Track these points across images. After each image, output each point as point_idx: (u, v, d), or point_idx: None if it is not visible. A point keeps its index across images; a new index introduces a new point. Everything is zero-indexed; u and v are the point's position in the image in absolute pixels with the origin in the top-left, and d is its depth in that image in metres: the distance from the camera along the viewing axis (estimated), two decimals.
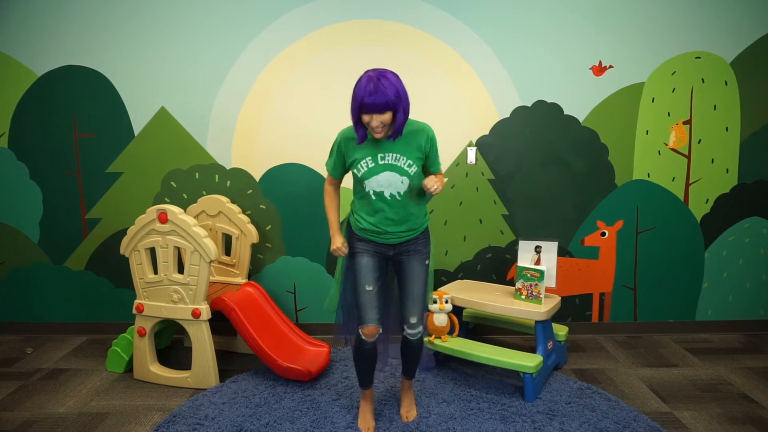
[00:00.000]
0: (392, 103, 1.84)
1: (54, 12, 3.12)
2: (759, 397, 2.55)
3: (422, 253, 2.14)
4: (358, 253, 2.13)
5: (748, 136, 3.22)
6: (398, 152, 2.00)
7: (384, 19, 3.12)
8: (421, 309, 2.14)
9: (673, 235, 3.28)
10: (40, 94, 3.19)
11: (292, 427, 2.27)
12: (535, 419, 2.32)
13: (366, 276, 2.09)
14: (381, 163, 2.00)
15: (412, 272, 2.12)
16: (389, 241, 2.10)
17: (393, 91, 1.84)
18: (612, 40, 3.13)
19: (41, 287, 3.35)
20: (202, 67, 3.15)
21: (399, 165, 2.00)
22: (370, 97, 1.82)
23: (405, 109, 1.92)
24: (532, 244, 2.82)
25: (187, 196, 3.25)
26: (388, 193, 2.02)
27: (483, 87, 3.17)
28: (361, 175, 2.02)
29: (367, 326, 2.08)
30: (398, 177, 2.00)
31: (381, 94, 1.82)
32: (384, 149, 2.00)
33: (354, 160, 2.03)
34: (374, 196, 2.04)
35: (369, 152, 2.01)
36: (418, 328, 2.14)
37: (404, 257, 2.13)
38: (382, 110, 1.84)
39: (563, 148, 3.22)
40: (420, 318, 2.13)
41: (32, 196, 3.27)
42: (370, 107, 1.84)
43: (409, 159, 2.00)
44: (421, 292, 2.13)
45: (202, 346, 2.64)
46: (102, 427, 2.32)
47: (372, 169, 2.00)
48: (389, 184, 2.01)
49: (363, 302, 2.09)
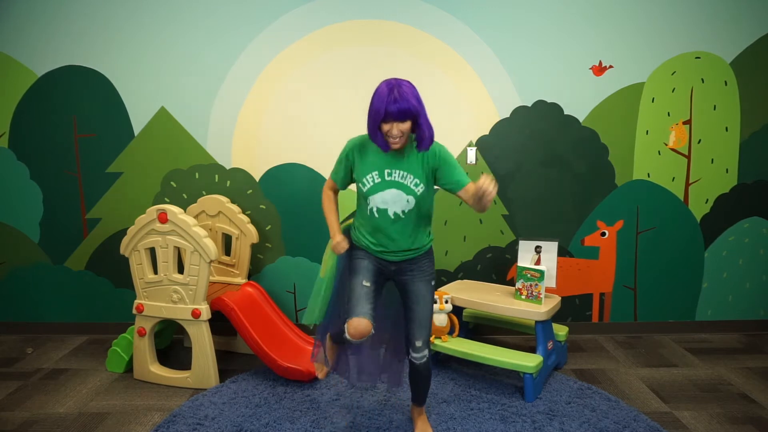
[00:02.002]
0: (414, 110, 1.82)
1: (54, 12, 3.12)
2: (759, 397, 2.55)
3: (426, 273, 2.05)
4: (358, 258, 2.05)
5: (747, 136, 3.22)
6: (405, 170, 1.93)
7: (384, 19, 3.12)
8: (426, 332, 2.04)
9: (673, 235, 3.28)
10: (40, 94, 3.19)
11: (292, 427, 2.27)
12: (535, 419, 2.32)
13: (365, 274, 2.01)
14: (387, 179, 1.93)
15: (417, 294, 2.03)
16: (390, 258, 2.03)
17: (414, 99, 1.83)
18: (612, 40, 3.13)
19: (41, 287, 3.35)
20: (202, 67, 3.15)
21: (405, 183, 1.93)
22: (394, 105, 1.79)
23: (425, 119, 1.88)
24: (532, 244, 2.82)
25: (187, 196, 3.25)
26: (391, 212, 1.95)
27: (483, 87, 3.17)
28: (366, 191, 1.95)
29: (358, 318, 1.91)
30: (404, 195, 1.93)
31: (404, 101, 1.80)
32: (392, 165, 1.93)
33: (360, 172, 1.97)
34: (377, 214, 1.97)
35: (376, 167, 1.94)
36: (424, 352, 2.03)
37: (408, 277, 2.04)
38: (404, 118, 1.81)
39: (563, 148, 3.22)
40: (426, 342, 2.03)
41: (32, 196, 3.27)
42: (394, 115, 1.80)
43: (416, 178, 1.92)
44: (427, 314, 2.04)
45: (202, 346, 2.64)
46: (102, 427, 2.32)
47: (378, 185, 1.94)
48: (394, 201, 1.94)
49: (356, 296, 1.97)
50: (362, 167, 1.97)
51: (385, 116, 1.81)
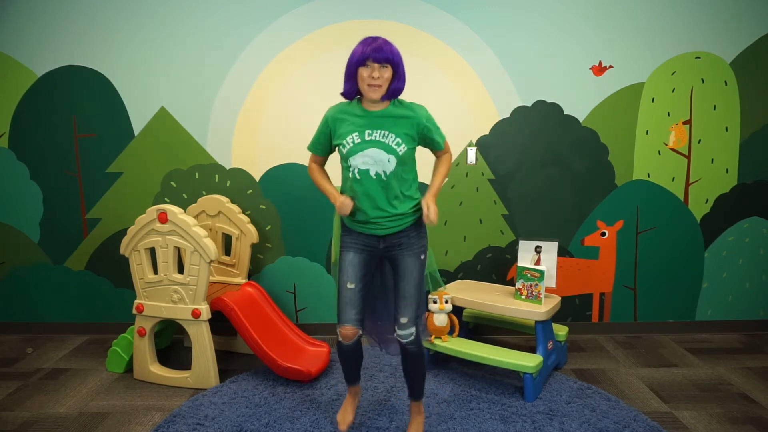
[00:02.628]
0: (395, 56, 1.87)
1: (54, 12, 3.12)
2: (759, 397, 2.55)
3: (415, 247, 2.00)
4: (345, 248, 2.04)
5: (747, 136, 3.22)
6: (386, 129, 1.92)
7: (384, 19, 3.12)
8: (412, 308, 1.98)
9: (673, 235, 3.28)
10: (40, 94, 3.19)
11: (292, 427, 2.27)
12: (535, 419, 2.32)
13: (349, 272, 1.99)
14: (368, 139, 1.92)
15: (405, 269, 1.98)
16: (377, 232, 1.99)
17: (394, 49, 1.89)
18: (612, 40, 3.13)
19: (41, 287, 3.35)
20: (202, 67, 3.15)
21: (386, 142, 1.91)
22: (373, 45, 1.85)
23: (403, 72, 1.93)
24: (532, 244, 2.82)
25: (187, 196, 3.25)
26: (373, 172, 1.92)
27: (483, 87, 3.17)
28: (347, 152, 1.93)
29: (344, 326, 1.99)
30: (385, 155, 1.91)
31: (386, 46, 1.87)
32: (372, 126, 1.93)
33: (340, 135, 1.96)
34: (359, 175, 1.94)
35: (356, 128, 1.93)
36: (410, 329, 1.97)
37: (396, 252, 2.00)
38: (384, 61, 1.86)
39: (563, 148, 3.22)
40: (412, 318, 1.97)
41: (32, 196, 3.27)
42: (374, 54, 1.84)
43: (397, 137, 1.92)
44: (413, 291, 1.98)
45: (202, 346, 2.64)
46: (102, 427, 2.32)
47: (358, 145, 1.92)
48: (375, 161, 1.91)
49: (342, 300, 2.00)
50: (342, 130, 1.96)
51: (366, 56, 1.84)
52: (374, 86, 1.87)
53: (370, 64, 1.86)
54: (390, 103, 1.97)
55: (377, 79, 1.86)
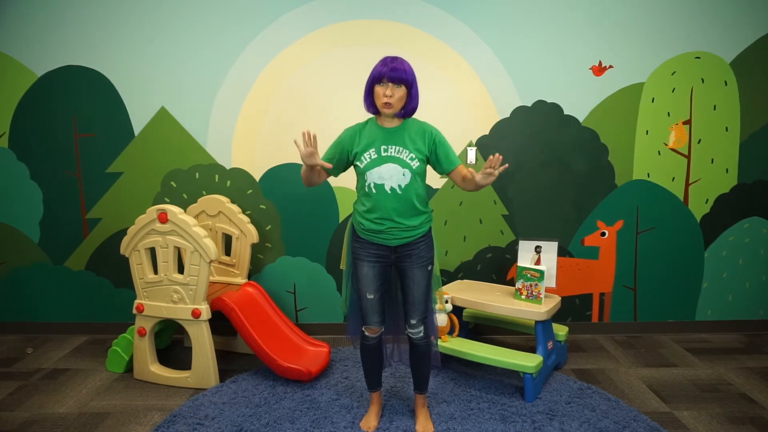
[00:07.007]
0: (409, 77, 1.99)
1: (54, 12, 3.12)
2: (759, 397, 2.55)
3: (424, 258, 2.13)
4: (358, 260, 2.14)
5: (747, 136, 3.22)
6: (401, 145, 2.04)
7: (384, 19, 3.12)
8: (421, 311, 2.15)
9: (673, 235, 3.28)
10: (40, 94, 3.19)
11: (292, 427, 2.27)
12: (535, 419, 2.32)
13: (367, 285, 2.13)
14: (384, 155, 2.04)
15: (413, 279, 2.12)
16: (389, 242, 2.10)
17: (410, 69, 2.02)
18: (612, 39, 3.13)
19: (41, 287, 3.35)
20: (202, 67, 3.15)
21: (401, 158, 2.03)
22: (391, 64, 1.97)
23: (416, 92, 2.05)
24: (532, 244, 2.82)
25: (187, 196, 3.25)
26: (388, 186, 2.04)
27: (483, 87, 3.17)
28: (364, 167, 2.05)
29: (370, 327, 2.19)
30: (400, 169, 2.03)
31: (401, 67, 1.98)
32: (388, 141, 2.05)
33: (357, 152, 2.07)
34: (374, 189, 2.05)
35: (373, 145, 2.05)
36: (419, 328, 2.15)
37: (406, 264, 2.12)
38: (399, 81, 1.97)
39: (563, 148, 3.22)
40: (420, 320, 2.15)
41: (32, 196, 3.27)
42: (390, 73, 1.96)
43: (411, 152, 2.04)
44: (422, 296, 2.14)
45: (202, 346, 2.64)
46: (102, 427, 2.32)
47: (374, 161, 2.04)
48: (390, 176, 2.03)
49: (365, 308, 2.16)
50: (360, 148, 2.07)
51: (383, 76, 1.97)
52: (388, 104, 2.00)
53: (386, 83, 1.98)
54: (403, 121, 2.10)
55: (390, 97, 1.98)
